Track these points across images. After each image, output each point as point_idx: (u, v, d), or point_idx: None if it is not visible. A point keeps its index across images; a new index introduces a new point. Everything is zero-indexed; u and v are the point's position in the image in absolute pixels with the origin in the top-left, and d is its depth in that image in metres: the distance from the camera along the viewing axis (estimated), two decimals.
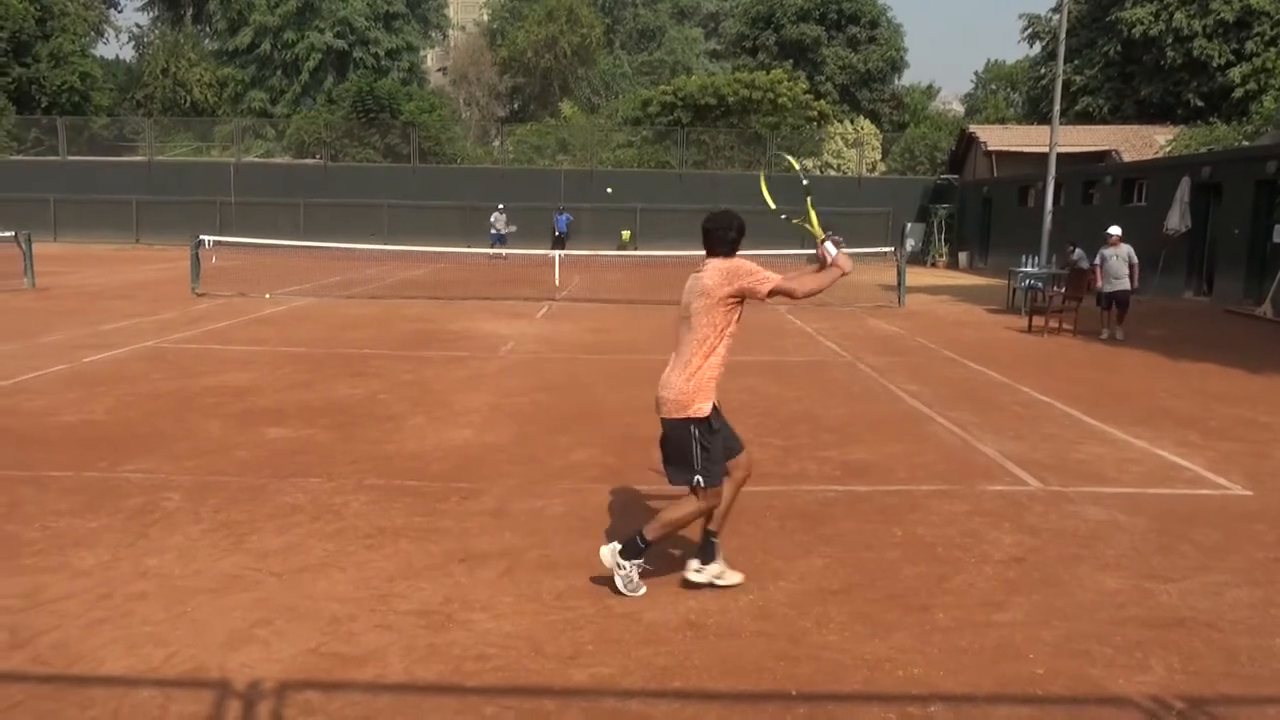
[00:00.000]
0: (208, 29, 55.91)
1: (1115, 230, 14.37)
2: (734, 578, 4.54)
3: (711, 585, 4.48)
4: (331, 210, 34.67)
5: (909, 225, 34.65)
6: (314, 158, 40.11)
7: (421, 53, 59.40)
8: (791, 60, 46.71)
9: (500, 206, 32.44)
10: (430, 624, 4.10)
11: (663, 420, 4.40)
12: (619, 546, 4.42)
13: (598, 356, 11.70)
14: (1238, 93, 33.87)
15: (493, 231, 31.86)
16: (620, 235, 34.35)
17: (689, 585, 4.49)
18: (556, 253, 23.85)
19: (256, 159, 41.57)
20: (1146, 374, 10.99)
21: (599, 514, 5.60)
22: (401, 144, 39.97)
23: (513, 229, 31.68)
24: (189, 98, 49.77)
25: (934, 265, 33.12)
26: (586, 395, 9.20)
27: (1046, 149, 21.42)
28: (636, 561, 4.41)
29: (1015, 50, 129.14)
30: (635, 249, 32.69)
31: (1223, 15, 34.03)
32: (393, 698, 3.51)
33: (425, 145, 40.03)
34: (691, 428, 4.31)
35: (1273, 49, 32.57)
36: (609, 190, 35.52)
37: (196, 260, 17.89)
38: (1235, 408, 9.10)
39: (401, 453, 6.89)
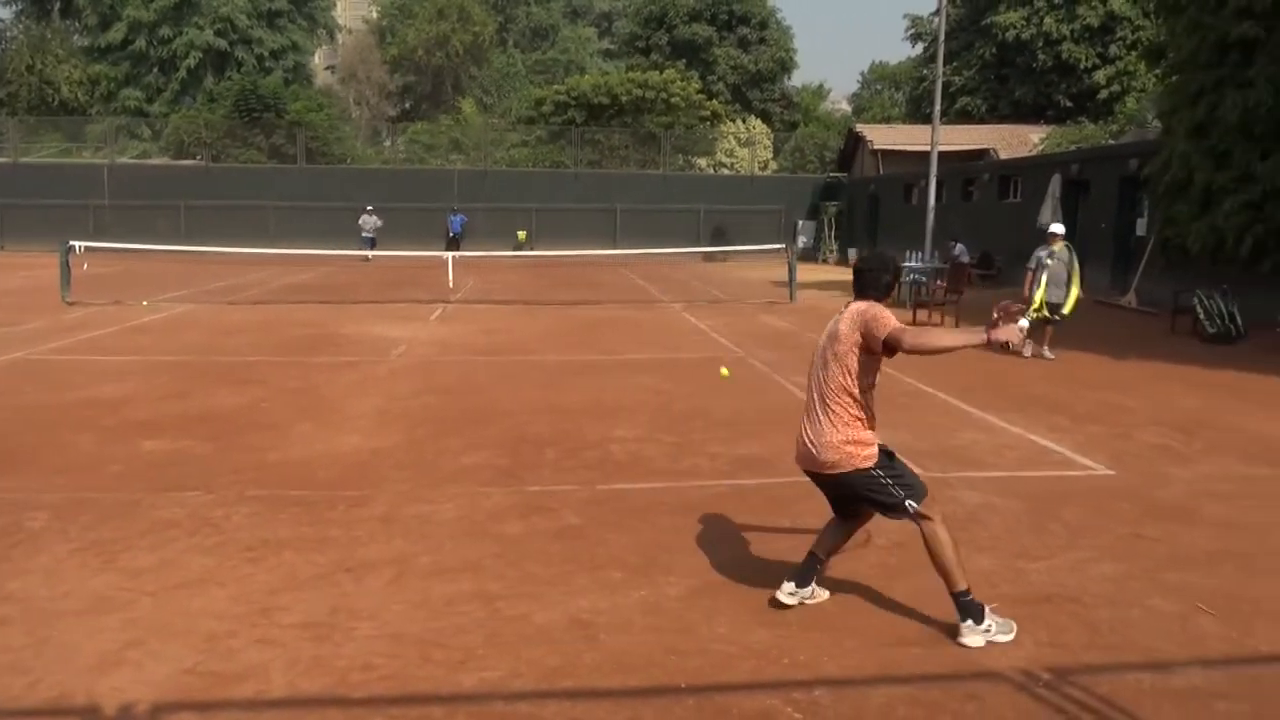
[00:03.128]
0: (76, 24, 53.20)
1: (1057, 228, 12.00)
2: (823, 594, 4.38)
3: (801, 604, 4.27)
4: (214, 213, 33.39)
5: (801, 223, 35.37)
6: (194, 158, 38.57)
7: (308, 53, 57.73)
8: (684, 60, 47.15)
9: (369, 208, 31.80)
10: (315, 636, 4.00)
11: (825, 476, 4.12)
12: (970, 622, 3.97)
13: (491, 358, 11.60)
14: (1103, 94, 35.70)
15: (364, 234, 31.25)
16: (516, 235, 34.12)
17: (778, 605, 4.26)
18: (450, 254, 23.54)
19: (132, 160, 39.74)
20: (1021, 363, 11.48)
21: (491, 518, 5.56)
22: (287, 144, 38.80)
23: (379, 223, 31.34)
24: (57, 96, 47.25)
25: (825, 261, 33.88)
26: (479, 398, 9.12)
27: (929, 147, 22.18)
28: (989, 610, 4.04)
29: (899, 50, 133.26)
30: (531, 249, 32.53)
31: (1088, 20, 35.80)
32: (274, 714, 3.42)
33: (312, 145, 38.94)
34: (874, 471, 4.06)
35: (1133, 53, 34.39)
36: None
37: (66, 267, 17.02)
38: (1101, 393, 9.59)
39: (286, 461, 6.71)
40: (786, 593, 4.27)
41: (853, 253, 33.71)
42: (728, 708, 3.49)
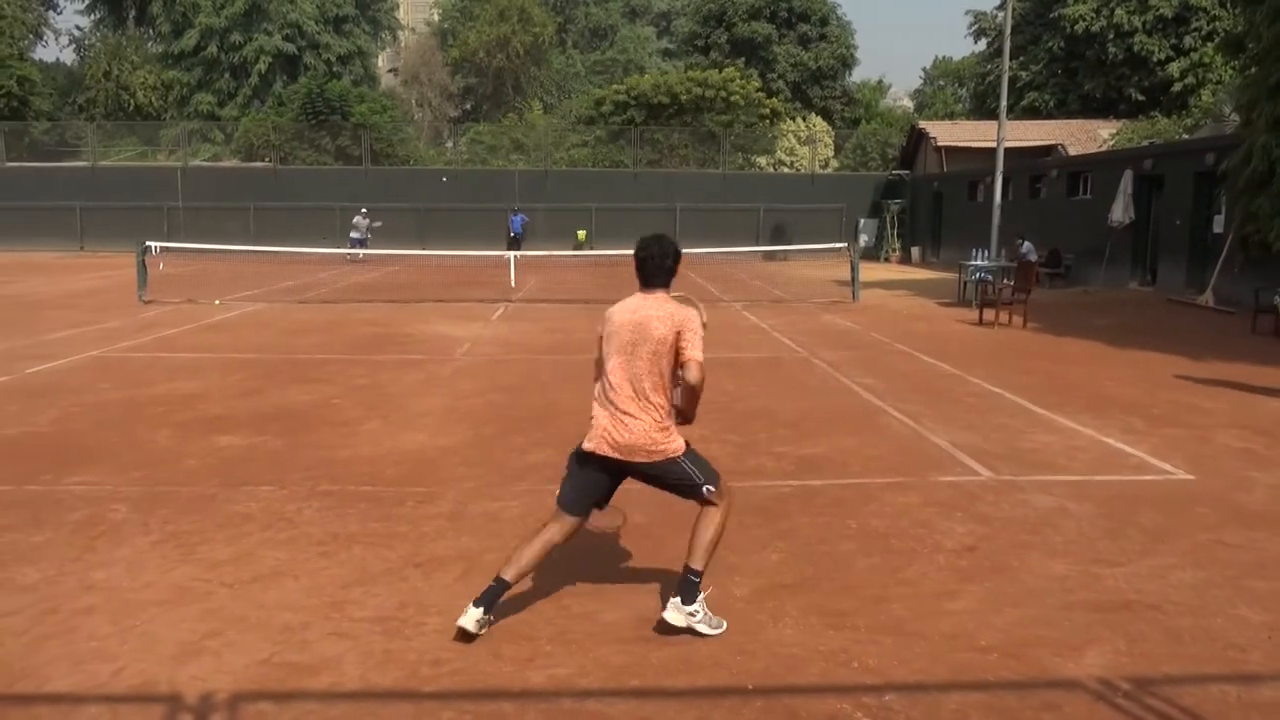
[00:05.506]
0: (151, 31, 54.80)
1: None
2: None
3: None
4: (282, 214, 34.16)
5: (862, 221, 34.98)
6: (263, 161, 39.52)
7: (373, 57, 58.75)
8: (743, 58, 46.93)
9: (364, 209, 31.41)
10: (386, 630, 4.06)
11: (640, 464, 4.06)
12: (678, 600, 4.01)
13: (554, 357, 11.67)
14: (1177, 87, 34.67)
15: (354, 235, 30.41)
16: (576, 235, 34.30)
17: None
18: (512, 254, 23.75)
19: (204, 163, 40.83)
20: (1093, 363, 11.20)
21: None
22: (353, 146, 39.52)
23: (378, 224, 31.04)
24: (133, 101, 48.79)
25: (887, 260, 33.46)
26: (543, 396, 9.18)
27: (994, 144, 21.76)
28: (701, 597, 4.06)
29: (962, 46, 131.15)
30: (591, 248, 32.66)
31: (1162, 11, 34.80)
32: (348, 705, 3.48)
33: (377, 147, 39.63)
34: (681, 460, 4.12)
35: (1209, 44, 33.34)
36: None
37: (143, 267, 17.55)
38: (1178, 394, 9.31)
39: (355, 458, 6.82)
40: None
41: (916, 251, 33.34)
42: (796, 710, 3.45)
